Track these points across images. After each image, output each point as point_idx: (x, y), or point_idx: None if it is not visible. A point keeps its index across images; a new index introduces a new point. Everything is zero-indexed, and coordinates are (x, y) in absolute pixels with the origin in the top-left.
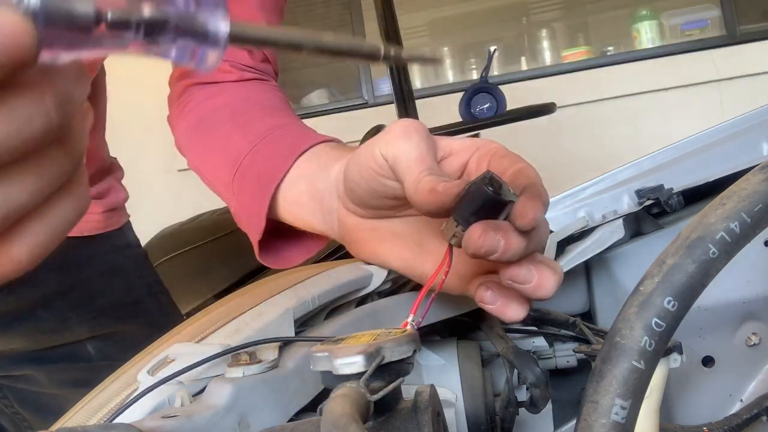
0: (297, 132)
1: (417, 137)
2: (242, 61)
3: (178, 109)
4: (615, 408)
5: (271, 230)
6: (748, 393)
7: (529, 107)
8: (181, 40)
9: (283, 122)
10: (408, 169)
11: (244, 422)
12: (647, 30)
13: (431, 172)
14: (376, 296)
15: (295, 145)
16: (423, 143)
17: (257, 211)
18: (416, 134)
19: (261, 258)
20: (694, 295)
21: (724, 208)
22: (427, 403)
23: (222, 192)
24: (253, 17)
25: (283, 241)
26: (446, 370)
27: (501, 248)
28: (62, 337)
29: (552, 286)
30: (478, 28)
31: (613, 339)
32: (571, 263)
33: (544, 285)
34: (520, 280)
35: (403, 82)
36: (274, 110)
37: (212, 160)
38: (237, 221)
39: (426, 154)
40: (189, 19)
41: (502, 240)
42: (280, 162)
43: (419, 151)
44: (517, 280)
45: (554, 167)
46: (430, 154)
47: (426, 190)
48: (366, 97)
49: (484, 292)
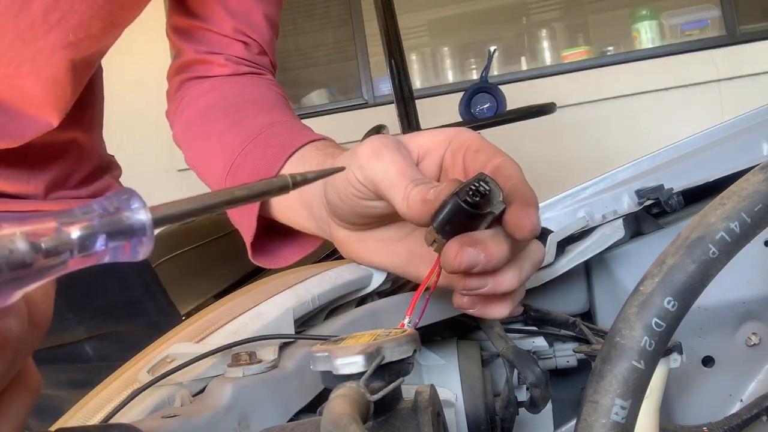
0: (287, 131)
1: (388, 154)
2: (238, 54)
3: (175, 105)
4: (615, 408)
5: (266, 227)
6: (748, 393)
7: (529, 107)
8: (112, 242)
9: (276, 120)
10: (392, 187)
11: (244, 422)
12: (647, 30)
13: (417, 183)
14: (376, 296)
15: (285, 145)
16: (397, 156)
17: (248, 212)
18: (386, 151)
19: (254, 258)
20: (694, 295)
21: (724, 208)
22: (427, 403)
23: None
24: (249, 7)
25: (277, 240)
26: (446, 370)
27: (482, 261)
28: (60, 338)
29: (510, 283)
30: (478, 28)
31: (613, 339)
32: (571, 263)
33: (502, 283)
34: (473, 286)
35: (403, 82)
36: (267, 107)
37: (207, 158)
38: (231, 220)
39: (404, 167)
40: (114, 223)
41: (482, 253)
42: (269, 164)
43: (396, 166)
44: (470, 287)
45: (554, 167)
46: (408, 165)
47: (418, 203)
48: (366, 97)
49: (460, 300)
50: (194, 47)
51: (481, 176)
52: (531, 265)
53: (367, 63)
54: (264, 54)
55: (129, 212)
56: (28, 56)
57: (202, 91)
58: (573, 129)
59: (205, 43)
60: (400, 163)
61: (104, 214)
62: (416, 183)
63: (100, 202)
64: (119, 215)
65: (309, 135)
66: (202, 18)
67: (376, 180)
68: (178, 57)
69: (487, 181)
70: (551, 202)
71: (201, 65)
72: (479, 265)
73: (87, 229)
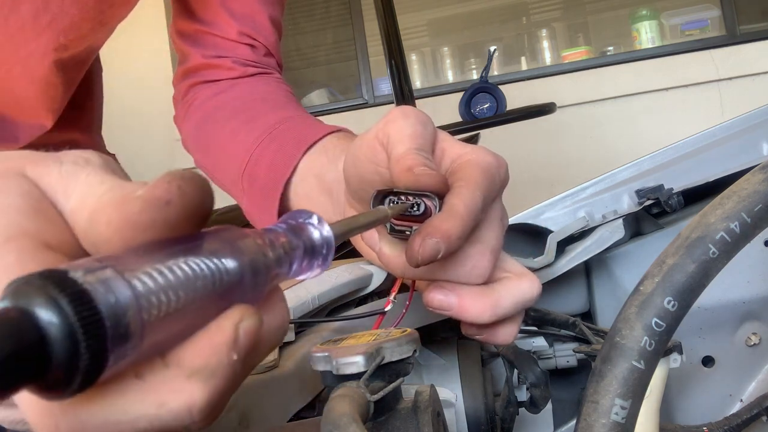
0: (303, 125)
1: (414, 119)
2: (245, 56)
3: (183, 109)
4: (615, 408)
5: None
6: (748, 393)
7: (529, 107)
8: (308, 259)
9: (289, 115)
10: (398, 142)
11: (244, 421)
12: (647, 30)
13: (420, 152)
14: (376, 296)
15: (302, 138)
16: (419, 127)
17: (268, 208)
18: (414, 117)
19: None
20: (694, 295)
21: (724, 208)
22: (427, 403)
23: (231, 190)
24: (253, 11)
25: None
26: (446, 370)
27: (442, 249)
28: None
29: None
30: (478, 28)
31: (613, 339)
32: (571, 263)
33: (467, 310)
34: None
35: (403, 82)
36: (279, 104)
37: (219, 158)
38: (249, 219)
39: (420, 135)
40: (313, 242)
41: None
42: (287, 157)
43: (414, 130)
44: (432, 305)
45: (554, 167)
46: (424, 138)
47: (404, 167)
48: (366, 97)
49: (468, 329)
50: (201, 51)
51: (393, 191)
52: (512, 302)
53: (367, 63)
54: (270, 55)
55: (314, 230)
56: (19, 59)
57: (211, 94)
58: (573, 129)
59: (211, 47)
60: (421, 131)
61: (297, 231)
62: (419, 152)
63: (288, 220)
64: (307, 233)
65: (327, 127)
66: (206, 23)
67: (391, 134)
68: (185, 62)
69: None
70: (551, 202)
71: (208, 69)
72: (440, 252)
73: (293, 247)
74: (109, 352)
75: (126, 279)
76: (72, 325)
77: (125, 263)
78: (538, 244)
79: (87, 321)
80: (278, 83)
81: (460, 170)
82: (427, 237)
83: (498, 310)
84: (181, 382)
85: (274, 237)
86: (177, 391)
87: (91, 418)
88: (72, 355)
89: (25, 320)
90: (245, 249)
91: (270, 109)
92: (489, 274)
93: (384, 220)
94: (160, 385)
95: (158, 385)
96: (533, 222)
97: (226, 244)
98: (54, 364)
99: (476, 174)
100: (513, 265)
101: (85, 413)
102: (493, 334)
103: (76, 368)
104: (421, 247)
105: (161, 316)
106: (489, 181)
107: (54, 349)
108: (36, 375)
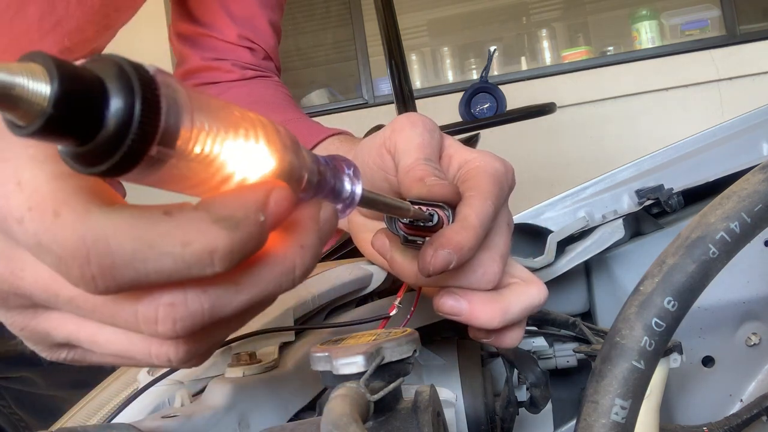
0: (304, 127)
1: (422, 128)
2: (244, 59)
3: None
4: (615, 408)
5: None
6: (748, 393)
7: (529, 107)
8: (330, 198)
9: (289, 117)
10: (406, 152)
11: (244, 422)
12: (647, 30)
13: (428, 162)
14: (376, 296)
15: (302, 141)
16: (426, 135)
17: None
18: (422, 125)
19: None
20: (694, 295)
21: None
22: (427, 403)
23: None
24: (253, 14)
25: None
26: (446, 370)
27: (454, 260)
28: None
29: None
30: (478, 28)
31: (613, 339)
32: (571, 263)
33: (477, 316)
34: (446, 310)
35: (403, 82)
36: (278, 107)
37: None
38: None
39: (428, 144)
40: (343, 186)
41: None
42: None
43: (422, 140)
44: (442, 310)
45: (554, 167)
46: (432, 147)
47: (415, 178)
48: (366, 97)
49: (475, 334)
50: (200, 54)
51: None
52: (521, 308)
53: (367, 63)
54: (269, 59)
55: (347, 180)
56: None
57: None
58: (573, 129)
59: (210, 50)
60: (428, 140)
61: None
62: (428, 162)
63: (332, 161)
64: (341, 177)
65: (327, 130)
66: (206, 25)
67: (398, 143)
68: (183, 64)
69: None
70: (551, 202)
71: (207, 72)
72: (452, 262)
73: (326, 179)
74: (157, 135)
75: (184, 106)
76: (134, 99)
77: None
78: (538, 244)
79: (147, 103)
80: (277, 86)
81: (470, 179)
82: (439, 248)
83: (507, 315)
84: (207, 224)
85: (316, 161)
86: (202, 232)
87: (119, 249)
88: (125, 120)
89: (96, 79)
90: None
91: (270, 111)
92: (499, 280)
93: (404, 214)
94: (187, 224)
95: (185, 224)
96: (533, 222)
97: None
98: (106, 127)
99: (487, 183)
100: (521, 271)
101: (114, 242)
102: (500, 338)
103: (125, 135)
104: (433, 257)
105: (207, 143)
106: (499, 189)
107: (110, 113)
108: (86, 131)
